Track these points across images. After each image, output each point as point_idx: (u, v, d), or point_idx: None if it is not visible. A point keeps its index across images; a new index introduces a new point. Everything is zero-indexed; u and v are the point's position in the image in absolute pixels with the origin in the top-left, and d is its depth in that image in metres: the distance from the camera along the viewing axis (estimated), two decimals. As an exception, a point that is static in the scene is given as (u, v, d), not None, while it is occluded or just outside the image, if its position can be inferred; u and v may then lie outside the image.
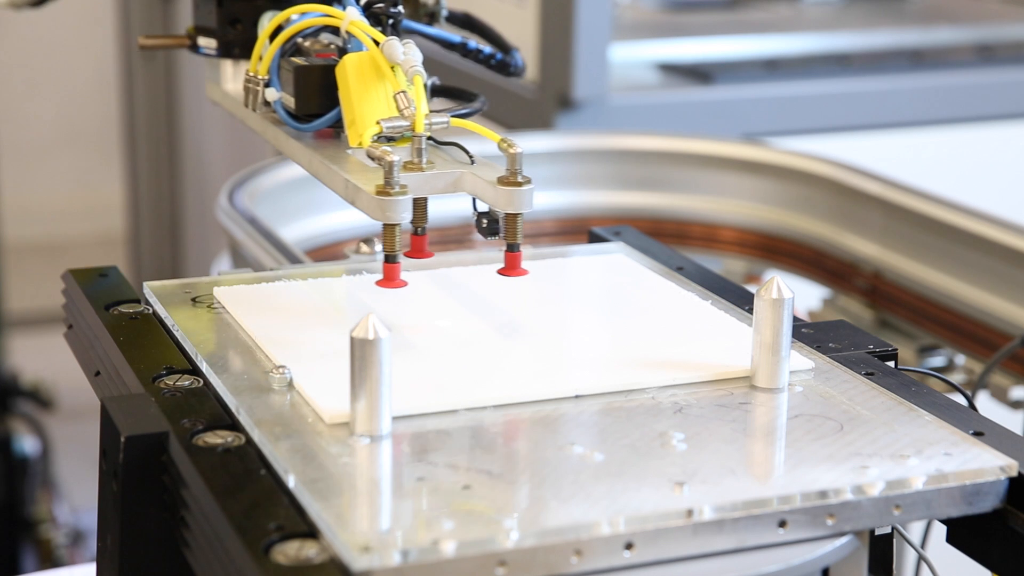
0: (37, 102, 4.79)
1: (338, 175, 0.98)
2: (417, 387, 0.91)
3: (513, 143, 0.94)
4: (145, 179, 3.78)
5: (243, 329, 1.00)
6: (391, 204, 0.93)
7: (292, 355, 0.95)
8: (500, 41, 1.20)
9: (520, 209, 0.95)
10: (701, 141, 1.90)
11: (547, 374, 0.94)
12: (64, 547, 2.97)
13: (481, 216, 0.99)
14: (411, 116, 0.96)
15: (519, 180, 0.94)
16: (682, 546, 0.79)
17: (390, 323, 0.84)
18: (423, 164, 0.96)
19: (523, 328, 1.01)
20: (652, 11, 2.76)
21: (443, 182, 0.97)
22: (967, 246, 1.62)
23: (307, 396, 0.90)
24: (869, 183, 1.76)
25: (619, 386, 0.92)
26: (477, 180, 0.97)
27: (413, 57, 0.99)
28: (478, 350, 0.98)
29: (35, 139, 4.80)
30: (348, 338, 0.83)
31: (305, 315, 1.03)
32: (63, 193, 4.87)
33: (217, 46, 1.15)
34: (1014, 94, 2.44)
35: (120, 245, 4.21)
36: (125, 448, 0.85)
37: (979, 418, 0.91)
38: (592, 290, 1.08)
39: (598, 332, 1.01)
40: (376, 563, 0.74)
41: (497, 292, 1.06)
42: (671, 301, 1.07)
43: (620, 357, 0.97)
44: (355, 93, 1.00)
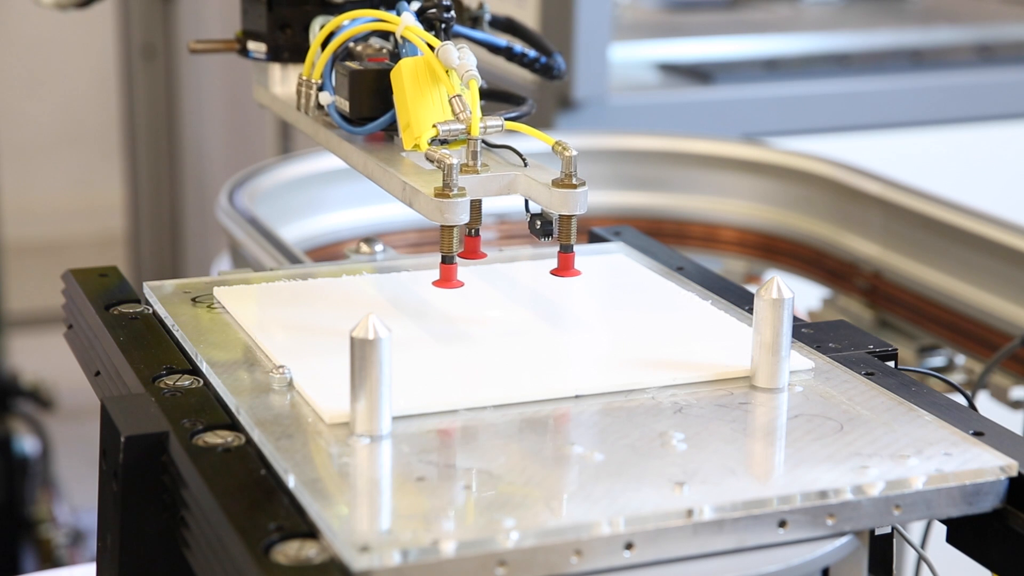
0: (37, 102, 4.79)
1: (395, 177, 0.99)
2: (417, 387, 0.91)
3: (568, 146, 0.96)
4: (145, 179, 3.78)
5: (243, 329, 1.00)
6: (450, 206, 0.94)
7: (292, 355, 0.95)
8: (542, 44, 1.22)
9: (575, 211, 0.96)
10: (701, 141, 1.90)
11: (547, 374, 0.94)
12: (64, 547, 2.97)
13: (535, 217, 1.00)
14: (467, 120, 0.98)
15: (573, 182, 0.96)
16: (682, 546, 0.79)
17: (389, 322, 0.85)
18: (478, 167, 0.98)
19: (523, 328, 1.01)
20: (652, 11, 2.77)
21: (498, 184, 0.98)
22: (967, 246, 1.62)
23: (307, 396, 0.90)
24: (869, 183, 1.76)
25: (619, 386, 0.93)
26: (531, 182, 0.98)
27: (468, 62, 1.00)
28: (478, 350, 0.98)
29: (35, 139, 4.80)
30: (348, 338, 0.84)
31: (305, 315, 1.03)
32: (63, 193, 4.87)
33: (267, 50, 1.17)
34: (1014, 94, 2.44)
35: (120, 245, 4.21)
36: (125, 448, 0.85)
37: (979, 418, 0.91)
38: (592, 290, 1.08)
39: (598, 332, 1.01)
40: (376, 563, 0.74)
41: (497, 292, 1.06)
42: (671, 301, 1.07)
43: (620, 357, 0.97)
44: (411, 97, 1.01)
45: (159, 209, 3.80)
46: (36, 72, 4.78)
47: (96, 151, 4.80)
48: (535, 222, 1.00)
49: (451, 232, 0.96)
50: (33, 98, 4.79)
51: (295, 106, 1.10)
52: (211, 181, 3.47)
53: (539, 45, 1.22)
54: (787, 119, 2.30)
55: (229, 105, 3.40)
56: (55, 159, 4.85)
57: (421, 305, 1.04)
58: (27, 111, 4.78)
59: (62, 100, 4.81)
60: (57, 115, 4.82)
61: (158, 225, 3.81)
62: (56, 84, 4.80)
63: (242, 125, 3.33)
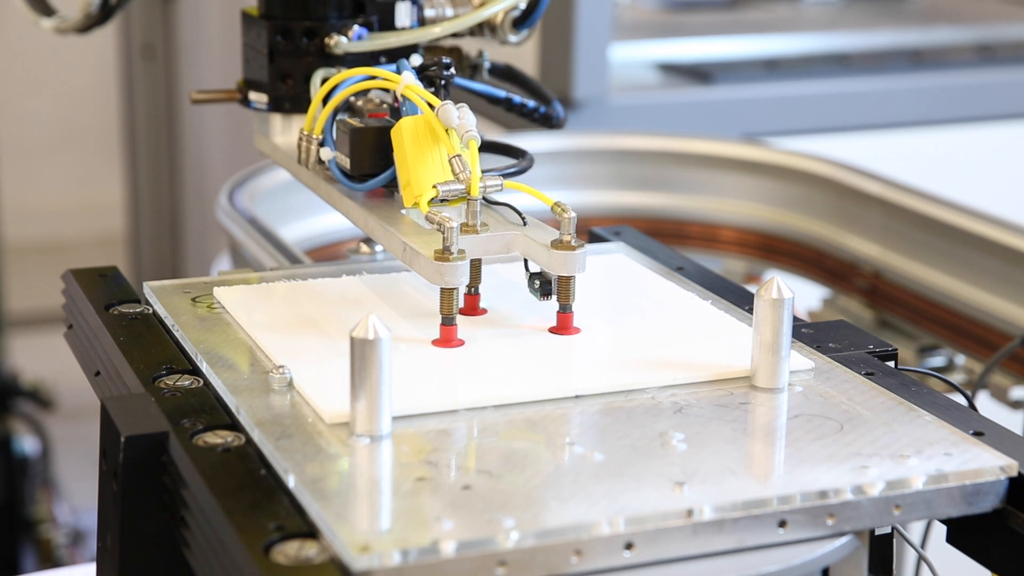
0: (37, 102, 4.80)
1: (395, 237, 1.00)
2: (417, 387, 0.91)
3: (567, 208, 0.97)
4: (145, 179, 3.78)
5: (243, 329, 1.00)
6: (450, 269, 0.95)
7: (292, 355, 0.95)
8: (541, 93, 1.24)
9: (573, 272, 0.97)
10: (701, 141, 1.90)
11: (547, 374, 0.94)
12: (64, 547, 2.97)
13: (534, 276, 1.01)
14: (467, 180, 0.99)
15: (572, 244, 0.97)
16: (682, 546, 0.79)
17: (389, 322, 0.85)
18: (478, 226, 0.99)
19: (523, 328, 1.01)
20: (652, 11, 2.77)
21: (497, 244, 0.99)
22: (967, 246, 1.62)
23: (307, 396, 0.90)
24: (869, 183, 1.76)
25: (619, 386, 0.93)
26: (530, 242, 0.99)
27: (468, 122, 1.01)
28: (478, 349, 0.98)
29: (35, 139, 4.80)
30: (348, 338, 0.84)
31: (305, 315, 1.03)
32: (63, 193, 4.87)
33: (268, 100, 1.18)
34: (1014, 94, 2.44)
35: (120, 245, 4.21)
36: (125, 448, 0.85)
37: (979, 418, 0.91)
38: (592, 290, 1.08)
39: (598, 332, 1.01)
40: (376, 563, 0.74)
41: (497, 294, 1.06)
42: (671, 301, 1.07)
43: (620, 357, 0.97)
44: (411, 156, 1.02)
45: (159, 209, 3.80)
46: (36, 72, 4.78)
47: (96, 151, 4.80)
48: (534, 281, 1.01)
49: (451, 294, 0.97)
50: (33, 98, 4.79)
51: (296, 158, 1.11)
52: (211, 181, 3.47)
53: (538, 93, 1.24)
54: (787, 119, 2.30)
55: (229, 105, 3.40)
56: (55, 159, 4.85)
57: (420, 305, 1.04)
58: (27, 111, 4.78)
59: (62, 100, 4.81)
60: (57, 115, 4.82)
61: (158, 225, 3.81)
62: (56, 84, 4.80)
63: (242, 125, 3.32)
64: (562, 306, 1.00)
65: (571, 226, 0.97)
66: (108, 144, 4.59)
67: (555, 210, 0.97)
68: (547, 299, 1.00)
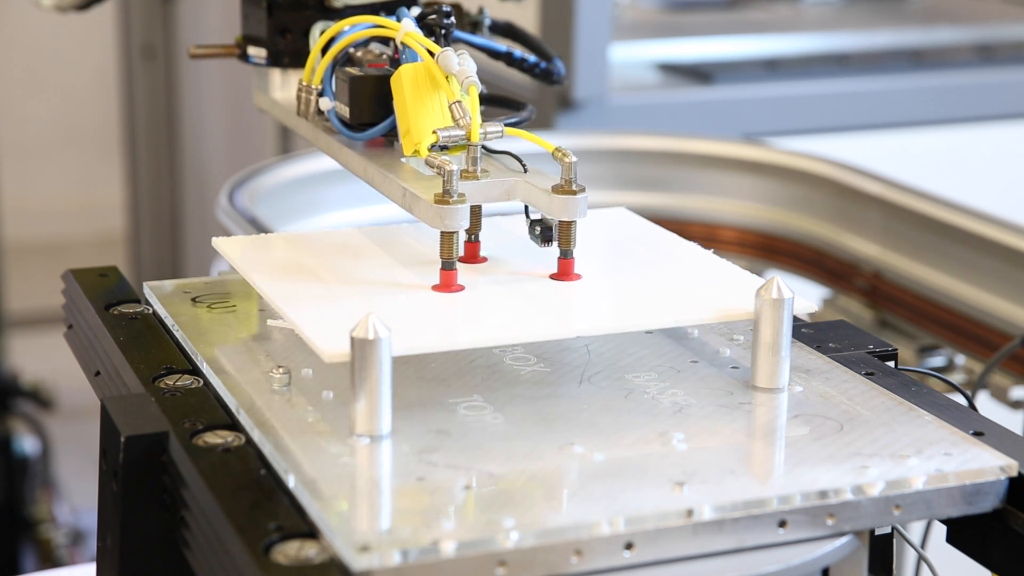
0: (37, 102, 4.80)
1: (395, 183, 0.99)
2: (417, 328, 0.91)
3: (567, 152, 0.96)
4: (145, 179, 3.78)
5: (244, 276, 1.00)
6: (450, 212, 0.94)
7: (291, 299, 0.94)
8: (542, 49, 1.23)
9: (574, 217, 0.97)
10: (701, 141, 1.90)
11: (548, 315, 0.94)
12: (64, 547, 2.97)
13: (535, 223, 1.00)
14: (467, 126, 0.98)
15: (573, 188, 0.96)
16: (682, 546, 0.79)
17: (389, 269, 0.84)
18: (478, 172, 0.98)
19: (524, 275, 1.01)
20: (652, 11, 2.77)
21: (498, 190, 0.98)
22: (967, 246, 1.62)
23: (306, 336, 0.89)
24: (869, 183, 1.76)
25: (621, 327, 0.92)
26: (531, 188, 0.98)
27: (468, 68, 1.01)
28: (478, 295, 0.97)
29: (35, 139, 4.80)
30: (347, 284, 0.83)
31: (305, 264, 1.02)
32: (63, 193, 4.87)
33: (267, 55, 1.17)
34: (1014, 94, 2.44)
35: (120, 245, 4.20)
36: (125, 448, 0.85)
37: (979, 418, 0.91)
38: (593, 241, 1.07)
39: (599, 278, 1.01)
40: (376, 563, 0.74)
41: (497, 244, 1.06)
42: (673, 250, 1.07)
43: (622, 300, 0.97)
44: (411, 103, 1.01)
45: (159, 209, 3.80)
46: (36, 72, 4.78)
47: (96, 151, 4.80)
48: (535, 228, 1.00)
49: (451, 238, 0.96)
50: (33, 98, 4.79)
51: (295, 111, 1.11)
52: (211, 181, 3.47)
53: (539, 50, 1.22)
54: (787, 119, 2.30)
55: (229, 105, 3.40)
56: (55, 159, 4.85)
57: (421, 255, 1.03)
58: (27, 111, 4.78)
59: (62, 100, 4.82)
60: (57, 115, 4.82)
61: (158, 225, 3.81)
62: (56, 84, 4.80)
63: (242, 125, 3.33)
64: (563, 252, 0.99)
65: (572, 171, 0.96)
66: (108, 144, 4.59)
67: (556, 155, 0.97)
68: (548, 245, 1.00)
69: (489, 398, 0.91)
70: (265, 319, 1.03)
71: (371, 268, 1.01)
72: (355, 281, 0.99)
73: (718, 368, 0.97)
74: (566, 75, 1.24)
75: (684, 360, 0.98)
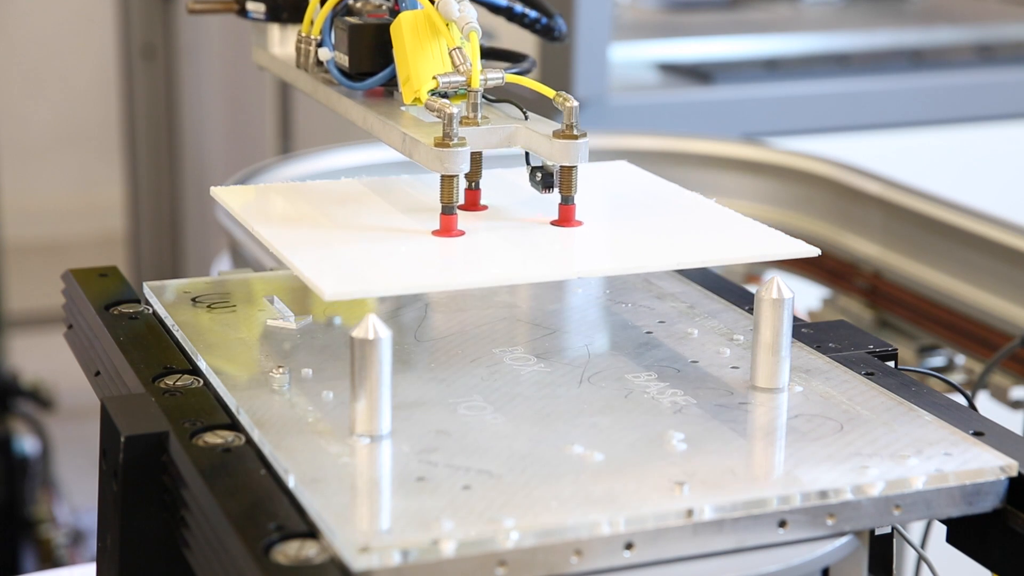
0: (37, 102, 4.79)
1: (395, 129, 0.99)
2: (417, 269, 0.91)
3: (568, 97, 0.96)
4: (145, 179, 3.78)
5: (244, 225, 1.00)
6: (450, 155, 0.93)
7: (291, 244, 0.94)
8: (543, 6, 1.21)
9: (576, 162, 0.96)
10: (701, 141, 1.90)
11: (549, 258, 0.94)
12: (64, 547, 2.97)
13: (535, 169, 1.00)
14: (467, 72, 0.98)
15: (575, 133, 0.95)
16: (682, 546, 0.79)
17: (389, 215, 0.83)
18: (478, 119, 0.97)
19: (524, 221, 1.01)
20: (652, 11, 2.76)
21: (499, 136, 0.98)
22: (967, 246, 1.62)
23: (306, 276, 0.89)
24: (869, 183, 1.76)
25: (622, 269, 0.92)
26: (532, 134, 0.98)
27: (468, 14, 1.00)
28: (479, 239, 0.97)
29: (35, 139, 4.80)
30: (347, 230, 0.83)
31: (305, 212, 1.02)
32: (63, 193, 4.87)
33: (265, 10, 1.16)
34: (1014, 94, 2.44)
35: (120, 245, 4.21)
36: (125, 448, 0.85)
37: (979, 418, 0.91)
38: (594, 191, 1.06)
39: (601, 224, 1.00)
40: (376, 563, 0.74)
41: (498, 193, 1.05)
42: (675, 199, 1.06)
43: (624, 243, 0.97)
44: (410, 50, 1.00)
45: (159, 209, 3.80)
46: (36, 72, 4.78)
47: (96, 151, 4.80)
48: (535, 174, 1.00)
49: (451, 182, 0.95)
50: (33, 98, 4.79)
51: (294, 65, 1.10)
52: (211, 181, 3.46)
53: (540, 6, 1.22)
54: (787, 119, 2.30)
55: (229, 105, 3.40)
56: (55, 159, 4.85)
57: (421, 203, 1.03)
58: (27, 111, 4.78)
59: (62, 100, 4.81)
60: (57, 115, 4.82)
61: (158, 225, 3.81)
62: (56, 84, 4.80)
63: (242, 125, 3.33)
64: (564, 198, 0.99)
65: (573, 115, 0.96)
66: (108, 144, 4.59)
67: (556, 100, 0.96)
68: (549, 192, 0.99)
69: (489, 398, 0.91)
70: (265, 319, 1.03)
71: (371, 215, 1.01)
72: (355, 227, 0.99)
73: (718, 368, 0.97)
74: (567, 32, 1.23)
75: (684, 360, 0.98)
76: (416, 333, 1.01)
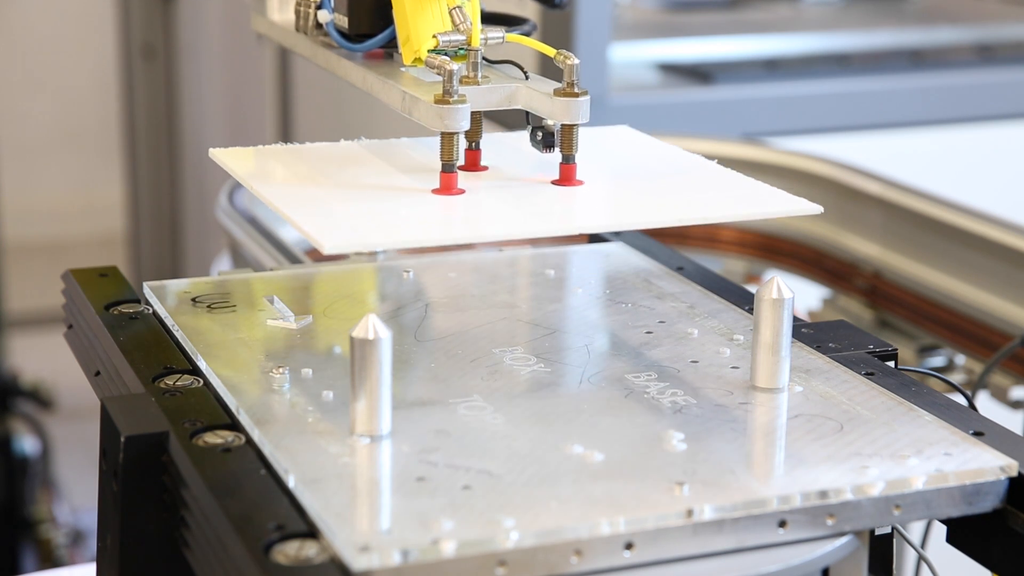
0: (37, 102, 4.79)
1: (395, 88, 0.99)
2: (417, 223, 0.91)
3: (569, 55, 0.96)
4: (145, 179, 3.78)
5: (243, 184, 0.99)
6: (450, 112, 0.93)
7: (290, 201, 0.94)
8: None
9: (577, 120, 0.96)
10: (701, 141, 1.90)
11: (550, 214, 0.94)
12: (64, 547, 2.97)
13: (536, 129, 0.99)
14: (467, 31, 0.97)
15: (576, 91, 0.95)
16: (682, 546, 0.79)
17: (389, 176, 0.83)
18: (479, 78, 0.97)
19: (525, 181, 1.01)
20: (652, 11, 2.77)
21: (499, 95, 0.98)
22: (967, 246, 1.62)
23: (306, 230, 0.89)
24: (869, 183, 1.76)
25: (624, 224, 0.92)
26: (533, 92, 0.98)
27: None
28: (479, 197, 0.97)
29: (35, 139, 4.80)
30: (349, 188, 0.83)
31: (304, 172, 1.02)
32: (63, 193, 4.87)
33: None
34: (1014, 94, 2.44)
35: (120, 245, 4.21)
36: (125, 448, 0.85)
37: (979, 418, 0.91)
38: (595, 154, 1.06)
39: (602, 183, 1.00)
40: (376, 563, 0.74)
41: (499, 155, 1.05)
42: (676, 160, 1.06)
43: (624, 201, 0.97)
44: (410, 9, 1.00)
45: (159, 209, 3.80)
46: (36, 72, 4.78)
47: (96, 151, 4.80)
48: (536, 134, 0.99)
49: (451, 139, 0.95)
50: (33, 98, 4.79)
51: (293, 30, 1.10)
52: (211, 181, 3.47)
53: None
54: (787, 119, 2.30)
55: (229, 105, 3.40)
56: (55, 159, 4.85)
57: (420, 164, 1.03)
58: (27, 111, 4.78)
59: (62, 100, 4.81)
60: (57, 115, 4.82)
61: (158, 225, 3.81)
62: (56, 84, 4.80)
63: (242, 125, 3.33)
64: (565, 157, 0.98)
65: (574, 73, 0.96)
66: (108, 144, 4.59)
67: (557, 58, 0.96)
68: (550, 151, 0.99)
69: (489, 398, 0.91)
70: (265, 319, 1.03)
71: (371, 175, 1.01)
72: (355, 186, 0.99)
73: (718, 368, 0.97)
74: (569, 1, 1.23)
75: (684, 360, 0.98)
76: (416, 333, 1.01)
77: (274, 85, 2.99)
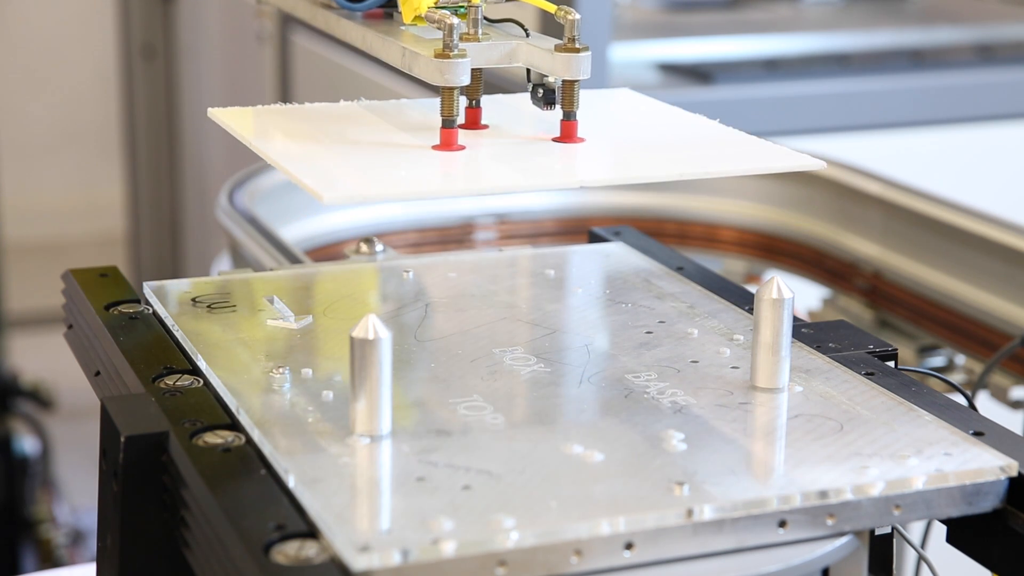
0: (37, 102, 4.80)
1: (394, 45, 0.98)
2: (417, 176, 0.91)
3: (570, 10, 0.96)
4: (145, 179, 3.78)
5: (241, 140, 0.99)
6: (451, 66, 0.93)
7: (288, 156, 0.94)
8: None
9: (578, 76, 0.96)
10: (701, 141, 1.90)
11: (551, 168, 0.94)
12: (64, 547, 2.97)
13: (536, 86, 0.99)
14: None
15: (577, 47, 0.95)
16: (682, 546, 0.79)
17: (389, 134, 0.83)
18: (479, 35, 0.97)
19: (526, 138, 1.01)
20: (652, 11, 2.76)
21: (499, 52, 0.98)
22: (967, 246, 1.62)
23: (304, 183, 0.88)
24: (869, 183, 1.76)
25: (625, 178, 0.92)
26: (533, 49, 0.98)
27: None
28: (482, 152, 0.97)
29: (35, 139, 4.80)
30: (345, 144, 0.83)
31: (302, 129, 1.02)
32: (63, 193, 4.87)
33: None
34: (1014, 94, 2.44)
35: (120, 245, 4.21)
36: (125, 448, 0.85)
37: (979, 418, 0.91)
38: (598, 114, 1.06)
39: (603, 141, 1.00)
40: (376, 563, 0.74)
41: (499, 114, 1.05)
42: (679, 119, 1.06)
43: (627, 157, 0.97)
44: None
45: (159, 209, 3.80)
46: (36, 72, 4.78)
47: (96, 151, 4.80)
48: (537, 91, 0.99)
49: (451, 94, 0.95)
50: (33, 98, 4.79)
51: None
52: (211, 181, 3.47)
53: None
54: (787, 119, 2.30)
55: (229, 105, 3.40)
56: (55, 159, 4.85)
57: (421, 123, 1.03)
58: (27, 111, 4.78)
59: (62, 100, 4.82)
60: (57, 115, 4.82)
61: (158, 225, 3.81)
62: (56, 84, 4.80)
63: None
64: (566, 114, 0.98)
65: (575, 29, 0.95)
66: (108, 144, 4.59)
67: (558, 14, 0.96)
68: (550, 108, 0.99)
69: (489, 398, 0.91)
70: (265, 319, 1.03)
71: (371, 132, 1.01)
72: (355, 142, 0.99)
73: (718, 368, 0.97)
74: None
75: (684, 360, 0.98)
76: (416, 333, 1.01)
77: (274, 85, 2.99)
